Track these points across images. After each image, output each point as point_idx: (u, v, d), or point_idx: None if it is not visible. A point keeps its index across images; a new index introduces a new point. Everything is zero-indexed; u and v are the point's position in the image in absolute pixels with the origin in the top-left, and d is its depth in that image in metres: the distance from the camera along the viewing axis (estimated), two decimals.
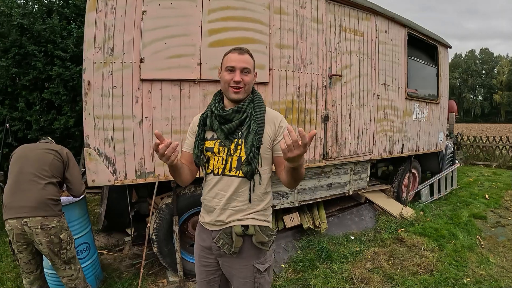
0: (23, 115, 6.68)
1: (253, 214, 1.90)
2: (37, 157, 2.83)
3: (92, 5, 2.96)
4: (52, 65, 6.59)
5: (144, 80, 3.12)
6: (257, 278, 1.95)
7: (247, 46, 3.35)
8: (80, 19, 7.00)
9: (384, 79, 4.86)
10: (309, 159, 4.02)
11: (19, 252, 2.76)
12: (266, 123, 1.90)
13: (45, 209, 2.67)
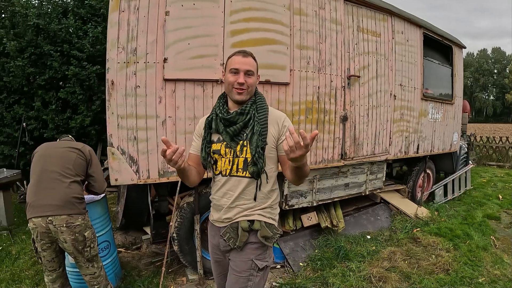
0: (39, 114, 6.74)
1: (259, 211, 1.97)
2: (60, 155, 2.85)
3: (115, 5, 3.00)
4: (68, 64, 6.65)
5: (167, 80, 3.15)
6: (252, 276, 1.98)
7: (269, 47, 3.47)
8: (95, 19, 7.06)
9: (400, 80, 4.87)
10: (328, 159, 4.05)
11: (43, 250, 2.78)
12: (269, 124, 1.94)
13: (70, 208, 2.70)
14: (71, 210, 2.70)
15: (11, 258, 4.38)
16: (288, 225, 4.24)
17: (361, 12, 4.38)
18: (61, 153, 2.87)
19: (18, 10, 6.60)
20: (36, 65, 6.71)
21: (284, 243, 4.12)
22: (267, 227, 1.97)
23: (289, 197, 3.96)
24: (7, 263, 4.24)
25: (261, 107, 1.96)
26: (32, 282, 3.79)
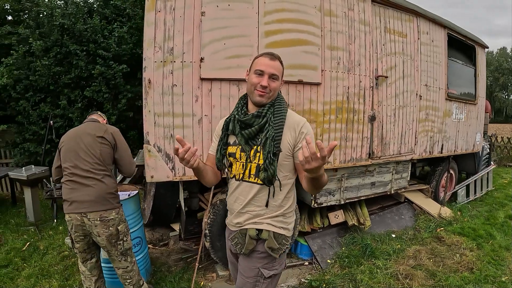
0: (65, 112, 6.87)
1: (269, 220, 1.92)
2: (88, 150, 2.81)
3: (151, 5, 3.07)
4: (93, 64, 6.75)
5: (204, 79, 3.22)
6: (258, 282, 1.96)
7: (301, 48, 3.52)
8: (120, 19, 7.16)
9: (426, 80, 4.88)
10: (356, 157, 4.08)
11: (76, 242, 2.88)
12: (286, 129, 1.87)
13: (104, 203, 2.76)
14: (105, 206, 2.76)
15: (39, 253, 4.47)
16: (316, 222, 4.29)
17: (388, 13, 4.40)
18: (88, 146, 2.82)
19: (43, 10, 6.71)
20: (61, 64, 6.82)
21: (312, 240, 4.17)
22: (275, 238, 1.91)
23: (318, 195, 4.00)
24: (35, 258, 4.33)
25: (278, 111, 1.88)
26: (62, 277, 3.86)
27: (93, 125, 2.96)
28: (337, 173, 4.09)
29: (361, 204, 4.72)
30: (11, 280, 3.82)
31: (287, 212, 1.97)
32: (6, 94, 7.01)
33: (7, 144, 7.50)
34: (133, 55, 7.01)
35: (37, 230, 5.18)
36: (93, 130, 2.89)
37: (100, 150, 2.82)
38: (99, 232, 2.77)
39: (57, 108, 6.93)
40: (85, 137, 2.84)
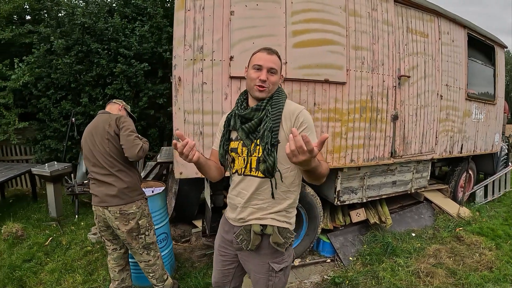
0: (86, 109, 6.96)
1: (273, 214, 1.92)
2: (99, 149, 2.87)
3: (181, 4, 3.11)
4: (115, 62, 6.84)
5: (233, 77, 3.26)
6: (271, 277, 1.98)
7: (327, 48, 3.56)
8: (140, 18, 7.23)
9: (446, 80, 4.89)
10: (379, 156, 4.12)
11: (101, 231, 3.03)
12: (283, 119, 1.85)
13: (123, 198, 2.84)
14: (124, 200, 2.84)
15: (62, 248, 4.54)
16: (339, 220, 4.33)
17: (409, 13, 4.42)
18: (99, 145, 2.87)
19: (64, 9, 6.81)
20: (82, 62, 6.91)
21: (335, 238, 4.22)
22: (280, 233, 1.91)
23: (341, 193, 4.04)
24: (58, 253, 4.41)
25: (276, 102, 1.87)
26: (85, 271, 3.93)
27: (101, 120, 2.96)
28: (360, 171, 4.13)
29: (382, 202, 4.75)
30: (34, 274, 3.89)
31: (290, 207, 1.97)
32: (27, 92, 7.11)
33: (27, 141, 7.61)
34: (154, 54, 7.07)
35: (59, 225, 5.26)
36: (101, 128, 2.90)
37: (109, 147, 2.84)
38: (118, 225, 2.86)
39: (78, 106, 7.02)
40: (96, 136, 2.90)
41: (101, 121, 2.92)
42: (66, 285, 3.66)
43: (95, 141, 2.87)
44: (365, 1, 3.91)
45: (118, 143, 2.83)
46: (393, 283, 3.61)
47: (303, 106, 1.92)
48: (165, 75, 7.35)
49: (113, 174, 2.84)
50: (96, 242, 4.66)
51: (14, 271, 3.90)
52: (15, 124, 6.70)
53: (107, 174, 2.85)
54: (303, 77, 3.51)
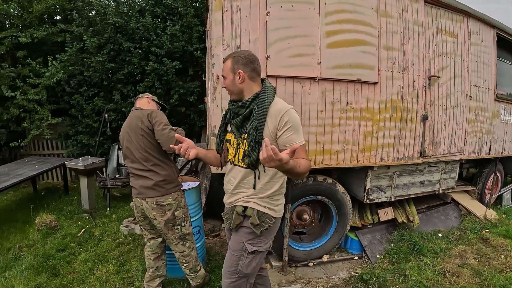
0: (118, 106, 7.16)
1: (255, 199, 2.15)
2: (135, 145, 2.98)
3: (218, 5, 3.22)
4: (146, 60, 7.01)
5: (269, 76, 3.35)
6: (242, 256, 2.21)
7: (360, 48, 3.64)
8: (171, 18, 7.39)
9: (476, 81, 4.89)
10: (408, 156, 4.16)
11: (140, 221, 3.21)
12: (268, 118, 2.03)
13: (159, 190, 2.97)
14: (160, 192, 2.97)
15: (94, 239, 4.72)
16: (367, 218, 4.39)
17: (439, 13, 4.44)
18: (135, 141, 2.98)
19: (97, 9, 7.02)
20: (115, 60, 7.11)
21: (363, 235, 4.28)
22: (258, 215, 2.14)
23: (371, 191, 4.10)
24: (91, 244, 4.58)
25: (261, 102, 2.05)
26: (118, 262, 4.08)
27: (134, 117, 3.05)
28: (389, 170, 4.17)
29: (409, 202, 4.78)
30: (67, 264, 4.07)
31: (274, 194, 2.18)
32: (59, 89, 7.36)
33: (59, 136, 7.87)
34: (185, 52, 7.22)
35: (91, 218, 5.45)
36: (134, 125, 3.00)
37: (143, 143, 2.95)
38: (155, 216, 3.00)
39: (110, 103, 7.24)
40: (131, 133, 3.01)
41: (134, 118, 3.03)
42: (99, 275, 3.81)
43: (131, 138, 2.99)
44: (396, 1, 3.95)
45: (153, 138, 2.93)
46: (420, 281, 3.66)
47: (291, 106, 2.07)
48: (195, 73, 7.49)
49: (149, 168, 2.97)
50: (128, 234, 4.82)
51: (47, 260, 4.08)
52: (48, 120, 6.92)
53: (144, 169, 2.98)
54: (336, 76, 3.58)
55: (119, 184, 5.85)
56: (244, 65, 2.13)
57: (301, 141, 2.03)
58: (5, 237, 4.91)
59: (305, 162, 1.94)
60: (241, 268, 2.23)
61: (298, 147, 1.89)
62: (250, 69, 2.15)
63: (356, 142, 3.79)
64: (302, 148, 2.03)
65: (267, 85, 2.17)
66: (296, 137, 2.02)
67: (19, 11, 6.88)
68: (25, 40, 6.64)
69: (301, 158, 1.96)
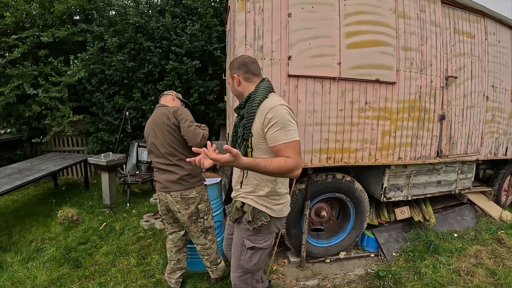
0: (138, 104, 7.32)
1: (253, 196, 2.21)
2: (161, 141, 3.08)
3: (241, 6, 3.31)
4: (166, 59, 7.14)
5: (291, 76, 3.45)
6: (243, 251, 2.28)
7: (378, 49, 3.71)
8: (190, 18, 7.53)
9: (492, 81, 4.90)
10: (425, 155, 4.21)
11: (163, 214, 3.31)
12: (257, 115, 2.08)
13: (183, 184, 3.08)
14: (184, 186, 3.08)
15: (115, 233, 4.85)
16: (384, 216, 4.45)
17: (456, 14, 4.47)
18: (161, 138, 3.08)
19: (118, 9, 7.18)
20: (135, 59, 7.27)
21: (379, 233, 4.35)
22: (253, 212, 2.19)
23: (388, 190, 4.16)
24: (112, 237, 4.71)
25: (251, 101, 2.13)
26: (139, 255, 4.20)
27: (160, 114, 3.14)
28: (406, 169, 4.23)
29: (426, 201, 4.82)
30: (89, 256, 4.20)
31: (271, 194, 2.21)
32: (80, 87, 7.54)
33: (80, 133, 8.07)
34: (204, 52, 7.34)
35: (112, 212, 5.61)
36: (160, 121, 3.09)
37: (169, 138, 3.06)
38: (179, 209, 3.11)
39: (130, 101, 7.41)
40: (157, 129, 3.11)
41: (159, 114, 3.13)
42: (121, 267, 3.94)
43: (157, 134, 3.10)
44: (413, 2, 4.00)
45: (179, 134, 3.04)
46: (435, 279, 3.71)
47: (280, 102, 2.08)
48: (214, 72, 7.61)
49: (174, 163, 3.08)
50: (148, 229, 4.95)
51: (69, 252, 4.22)
52: (70, 117, 7.10)
53: (169, 163, 3.09)
54: (356, 76, 3.66)
55: (139, 180, 5.99)
56: (237, 69, 2.26)
57: (288, 138, 1.99)
58: (28, 229, 5.09)
59: (281, 161, 1.94)
60: (243, 263, 2.31)
61: (282, 145, 1.98)
62: (244, 71, 2.24)
63: (374, 141, 3.86)
64: (287, 146, 1.99)
65: (261, 84, 2.22)
66: (281, 134, 2.00)
67: (40, 11, 7.04)
68: (47, 40, 6.82)
69: (283, 156, 1.97)
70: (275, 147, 2.02)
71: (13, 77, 6.89)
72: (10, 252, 4.32)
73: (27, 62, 6.92)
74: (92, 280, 3.67)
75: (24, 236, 4.84)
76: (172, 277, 3.44)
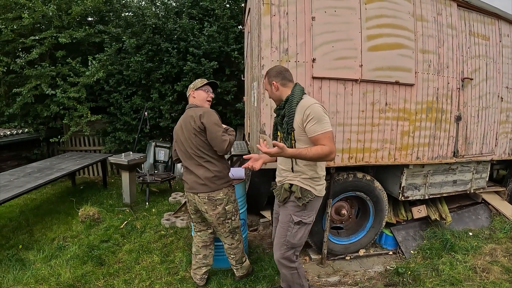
0: (156, 105, 7.45)
1: (299, 179, 2.68)
2: (188, 143, 3.16)
3: (266, 10, 3.43)
4: (183, 60, 7.26)
5: (315, 78, 3.57)
6: (290, 227, 2.74)
7: (398, 51, 3.83)
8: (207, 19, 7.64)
9: (507, 82, 4.98)
10: (442, 155, 4.31)
11: (192, 214, 3.42)
12: (296, 113, 2.56)
13: (210, 186, 3.17)
14: (211, 188, 3.17)
15: (137, 232, 4.96)
16: (402, 215, 4.55)
17: (471, 16, 4.56)
18: (188, 139, 3.15)
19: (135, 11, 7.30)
20: (152, 60, 7.39)
21: (397, 231, 4.44)
22: (301, 191, 2.65)
23: (406, 189, 4.26)
24: (134, 236, 4.81)
25: (290, 103, 2.61)
26: (162, 253, 4.30)
27: (188, 116, 3.19)
28: (423, 169, 4.33)
29: (442, 201, 4.91)
30: (112, 254, 4.30)
31: (314, 177, 2.69)
32: (98, 87, 7.68)
33: (97, 133, 8.21)
34: (221, 53, 7.47)
35: (132, 211, 5.72)
36: (190, 123, 3.14)
37: (196, 141, 3.13)
38: (207, 210, 3.21)
39: (148, 101, 7.54)
40: (186, 131, 3.17)
41: (188, 116, 3.19)
42: (145, 264, 4.04)
43: (185, 135, 3.18)
44: (431, 6, 4.10)
45: (205, 137, 3.11)
46: (452, 275, 3.80)
47: (315, 101, 2.58)
48: (232, 73, 7.74)
49: (201, 165, 3.17)
50: (170, 227, 5.06)
51: (92, 250, 4.32)
52: (88, 117, 7.25)
53: (196, 165, 3.18)
54: (376, 78, 3.77)
55: (158, 179, 6.12)
56: (275, 77, 2.73)
57: (322, 129, 2.48)
58: (49, 227, 5.19)
59: (319, 148, 2.44)
60: (289, 239, 2.76)
61: (319, 135, 2.48)
62: (280, 78, 2.72)
63: (393, 141, 3.97)
64: (324, 136, 2.48)
65: (295, 88, 2.69)
66: (317, 127, 2.49)
67: (57, 13, 7.17)
68: (64, 41, 6.98)
69: (319, 145, 2.47)
70: (313, 137, 2.50)
71: (31, 78, 7.05)
72: (32, 250, 4.40)
73: (45, 63, 7.08)
74: (117, 278, 3.76)
75: (46, 234, 4.93)
76: (197, 273, 3.53)
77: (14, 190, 4.46)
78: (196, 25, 7.45)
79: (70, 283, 3.59)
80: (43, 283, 3.59)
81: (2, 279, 3.67)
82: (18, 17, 7.07)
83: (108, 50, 7.19)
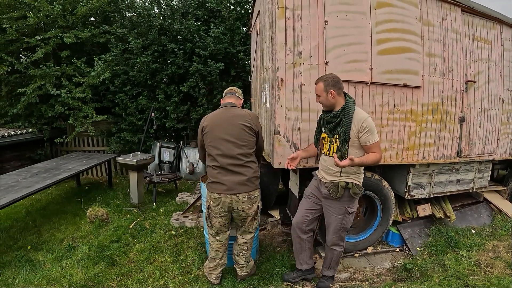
0: (161, 105, 7.51)
1: (351, 176, 3.13)
2: (235, 140, 3.17)
3: (281, 14, 3.54)
4: (189, 61, 7.33)
5: None
6: (344, 217, 3.23)
7: (406, 55, 3.97)
8: (212, 20, 7.73)
9: (508, 85, 5.13)
10: (446, 155, 4.45)
11: (220, 216, 3.35)
12: (353, 124, 2.96)
13: (251, 185, 3.27)
14: (250, 187, 3.27)
15: (147, 232, 5.00)
16: (408, 213, 4.68)
17: (475, 21, 4.70)
18: (235, 136, 3.17)
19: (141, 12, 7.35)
20: (157, 61, 7.45)
21: (404, 229, 4.57)
22: (357, 187, 3.14)
23: (412, 188, 4.40)
24: (144, 236, 4.85)
25: (347, 113, 2.99)
26: (173, 252, 4.35)
27: (234, 112, 3.28)
28: (428, 168, 4.46)
29: (445, 199, 5.04)
30: (124, 254, 4.32)
31: (360, 173, 3.21)
32: (103, 88, 7.72)
33: (101, 133, 8.24)
34: (227, 54, 7.54)
35: (140, 211, 5.77)
36: (237, 119, 3.22)
37: (247, 140, 3.23)
38: (244, 208, 3.28)
39: (154, 101, 7.59)
40: (231, 127, 3.20)
41: (235, 115, 3.26)
42: (157, 264, 4.08)
43: (230, 132, 3.20)
44: (436, 11, 4.23)
45: (254, 141, 3.32)
46: (458, 270, 3.94)
47: (368, 115, 3.02)
48: (237, 74, 7.82)
49: (244, 164, 3.24)
50: (179, 227, 5.12)
51: (103, 250, 4.33)
52: (93, 117, 7.29)
53: (240, 164, 3.23)
54: (386, 81, 3.89)
55: (165, 180, 6.17)
56: (333, 86, 3.02)
57: (374, 139, 3.01)
58: (57, 228, 5.19)
59: (374, 156, 3.00)
60: (345, 225, 3.28)
61: (372, 144, 3.01)
62: (337, 87, 3.03)
63: (401, 141, 4.10)
64: (375, 145, 3.03)
65: (349, 99, 3.08)
66: (371, 137, 3.00)
67: (62, 13, 7.20)
68: (70, 41, 7.01)
69: (372, 152, 3.02)
70: (367, 146, 3.00)
71: (35, 78, 7.07)
72: (42, 250, 4.40)
73: (50, 63, 7.10)
74: (130, 277, 3.79)
75: (54, 235, 4.93)
76: (213, 273, 3.57)
77: (23, 190, 4.46)
78: (201, 26, 7.50)
79: (83, 283, 3.60)
80: (55, 284, 3.61)
81: (12, 280, 3.67)
82: (22, 16, 7.07)
83: (114, 50, 7.23)
